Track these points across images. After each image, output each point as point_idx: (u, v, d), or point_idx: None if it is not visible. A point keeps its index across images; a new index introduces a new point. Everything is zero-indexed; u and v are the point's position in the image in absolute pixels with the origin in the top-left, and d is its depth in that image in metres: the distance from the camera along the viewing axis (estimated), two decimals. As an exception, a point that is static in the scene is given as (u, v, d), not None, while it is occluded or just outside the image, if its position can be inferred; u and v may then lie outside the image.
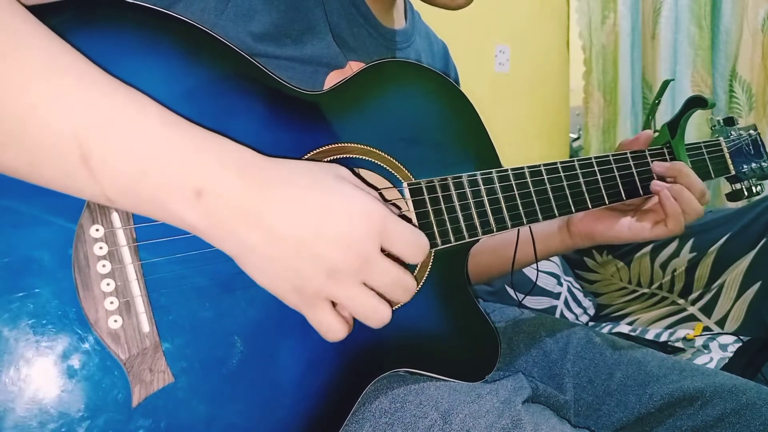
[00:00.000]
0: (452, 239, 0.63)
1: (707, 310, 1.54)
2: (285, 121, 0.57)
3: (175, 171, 0.43)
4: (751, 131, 0.95)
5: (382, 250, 0.49)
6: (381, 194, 0.59)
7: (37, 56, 0.42)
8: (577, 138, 2.66)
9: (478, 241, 0.66)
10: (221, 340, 0.51)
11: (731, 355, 1.31)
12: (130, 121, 0.43)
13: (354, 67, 0.64)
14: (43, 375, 0.44)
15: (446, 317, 0.65)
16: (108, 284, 0.47)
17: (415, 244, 0.50)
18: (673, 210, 0.76)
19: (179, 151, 0.44)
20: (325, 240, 0.45)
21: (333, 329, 0.49)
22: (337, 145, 0.59)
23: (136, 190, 0.44)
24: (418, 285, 0.62)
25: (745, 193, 0.93)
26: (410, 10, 0.86)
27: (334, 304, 0.49)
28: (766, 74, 2.00)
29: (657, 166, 0.80)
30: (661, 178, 0.80)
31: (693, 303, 1.58)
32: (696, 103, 0.82)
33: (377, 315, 0.49)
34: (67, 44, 0.44)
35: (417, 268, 0.63)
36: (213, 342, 0.50)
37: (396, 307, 0.60)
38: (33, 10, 0.45)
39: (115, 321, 0.46)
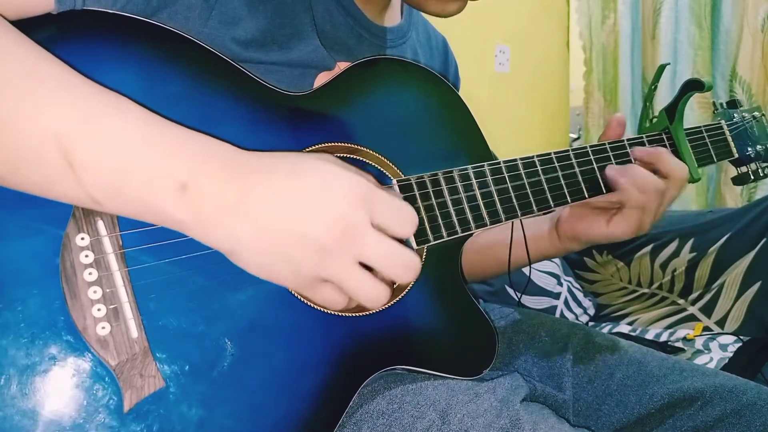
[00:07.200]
0: (444, 234, 0.62)
1: (707, 310, 1.53)
2: (271, 124, 0.57)
3: (158, 168, 0.44)
4: (756, 113, 0.92)
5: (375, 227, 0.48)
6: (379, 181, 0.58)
7: (17, 64, 0.43)
8: (577, 138, 2.66)
9: (471, 235, 0.65)
10: (211, 343, 0.50)
11: (731, 355, 1.31)
12: (111, 121, 0.44)
13: (343, 68, 0.63)
14: (33, 383, 0.44)
15: (441, 313, 0.64)
16: (95, 291, 0.47)
17: (402, 214, 0.49)
18: (634, 197, 0.70)
19: (161, 148, 0.44)
20: (309, 220, 0.45)
21: (339, 303, 0.50)
22: (324, 144, 0.59)
23: (121, 191, 0.44)
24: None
25: (752, 176, 0.90)
26: (407, 6, 0.85)
27: None
28: (766, 74, 1.99)
29: (637, 151, 0.75)
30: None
31: (693, 303, 1.58)
32: (693, 86, 0.80)
33: (369, 294, 0.48)
34: (48, 53, 0.45)
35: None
36: (203, 345, 0.50)
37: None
38: (18, 24, 0.46)
39: (103, 328, 0.47)
